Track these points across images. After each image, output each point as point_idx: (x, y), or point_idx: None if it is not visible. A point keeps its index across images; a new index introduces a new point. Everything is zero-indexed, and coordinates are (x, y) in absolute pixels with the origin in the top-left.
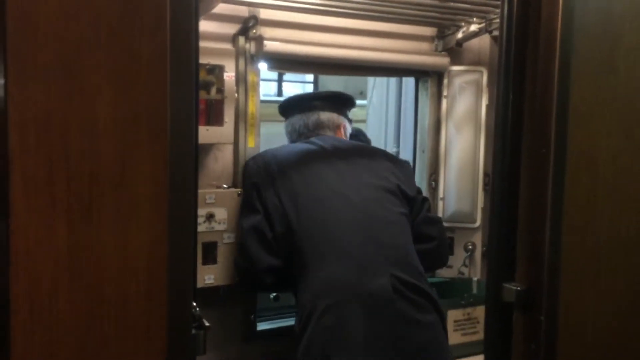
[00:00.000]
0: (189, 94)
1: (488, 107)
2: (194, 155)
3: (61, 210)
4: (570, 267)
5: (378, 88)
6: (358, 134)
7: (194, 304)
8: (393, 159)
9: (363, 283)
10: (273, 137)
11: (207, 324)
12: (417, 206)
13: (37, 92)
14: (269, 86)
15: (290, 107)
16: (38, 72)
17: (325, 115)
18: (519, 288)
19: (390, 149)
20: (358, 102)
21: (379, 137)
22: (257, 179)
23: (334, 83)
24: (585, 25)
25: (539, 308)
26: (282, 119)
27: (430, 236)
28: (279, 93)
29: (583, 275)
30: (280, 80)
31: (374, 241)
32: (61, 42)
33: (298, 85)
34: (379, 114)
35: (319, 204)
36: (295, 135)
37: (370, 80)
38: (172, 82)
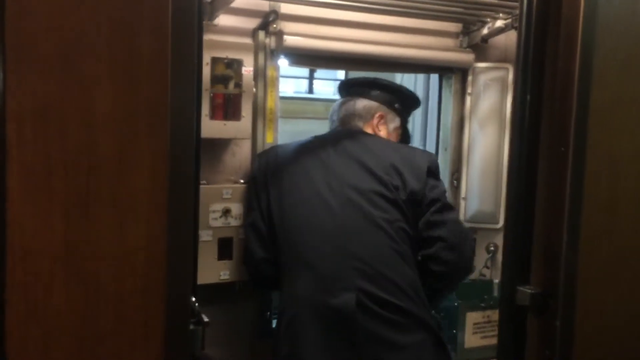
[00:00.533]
0: (190, 90)
1: None
2: (194, 150)
3: (58, 204)
4: (588, 270)
5: (405, 86)
6: None
7: (193, 299)
8: (405, 155)
9: (324, 298)
10: (301, 135)
11: (206, 319)
12: (424, 207)
13: (36, 84)
14: (300, 83)
15: (342, 88)
16: (36, 63)
17: (362, 103)
18: (533, 291)
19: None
20: None
21: None
22: (257, 175)
23: None
24: (607, 22)
25: (555, 312)
26: (312, 115)
27: (432, 238)
28: (310, 90)
29: (601, 279)
30: (311, 78)
31: (344, 252)
32: (61, 34)
33: (329, 82)
34: None
35: (298, 208)
36: (330, 122)
37: (398, 78)
38: (173, 78)
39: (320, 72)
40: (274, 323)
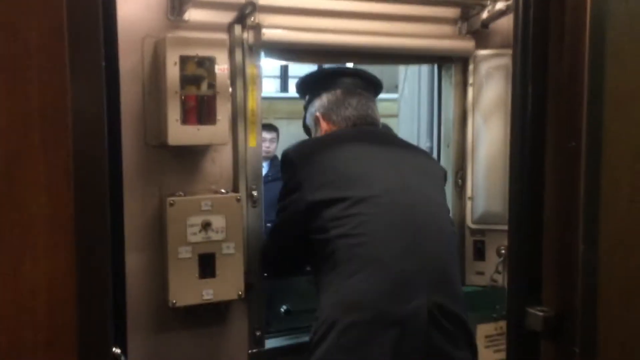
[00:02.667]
0: (97, 85)
1: None
2: (106, 162)
3: None
4: (610, 285)
5: (410, 80)
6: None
7: (118, 350)
8: (444, 173)
9: (396, 303)
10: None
11: None
12: None
13: None
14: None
15: (307, 90)
16: None
17: (373, 105)
18: (546, 313)
19: (423, 144)
20: (390, 95)
21: (412, 132)
22: (302, 169)
23: None
24: None
25: (573, 337)
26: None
27: None
28: (285, 89)
29: (626, 295)
30: (285, 77)
31: (418, 254)
32: None
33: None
34: (411, 107)
35: (362, 204)
36: (337, 118)
37: (402, 72)
38: (74, 70)
39: (294, 70)
40: (268, 343)
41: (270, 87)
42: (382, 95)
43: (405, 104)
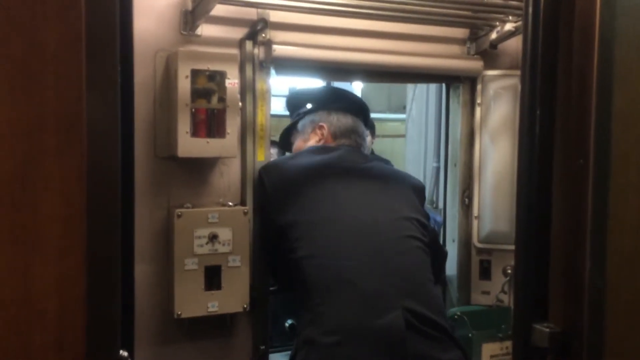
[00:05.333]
0: (112, 91)
1: None
2: (119, 167)
3: None
4: (618, 303)
5: (417, 100)
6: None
7: (125, 354)
8: (417, 188)
9: (370, 318)
10: None
11: None
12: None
13: None
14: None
15: (312, 100)
16: None
17: (355, 122)
18: (553, 330)
19: (430, 163)
20: (398, 116)
21: (419, 151)
22: (270, 190)
23: (377, 98)
24: (630, 8)
25: (579, 355)
26: None
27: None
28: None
29: (633, 312)
30: None
31: (384, 268)
32: None
33: None
34: (419, 127)
35: (326, 225)
36: (318, 136)
37: (410, 92)
38: (90, 77)
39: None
40: (272, 358)
41: (278, 106)
42: (390, 116)
43: (412, 124)
